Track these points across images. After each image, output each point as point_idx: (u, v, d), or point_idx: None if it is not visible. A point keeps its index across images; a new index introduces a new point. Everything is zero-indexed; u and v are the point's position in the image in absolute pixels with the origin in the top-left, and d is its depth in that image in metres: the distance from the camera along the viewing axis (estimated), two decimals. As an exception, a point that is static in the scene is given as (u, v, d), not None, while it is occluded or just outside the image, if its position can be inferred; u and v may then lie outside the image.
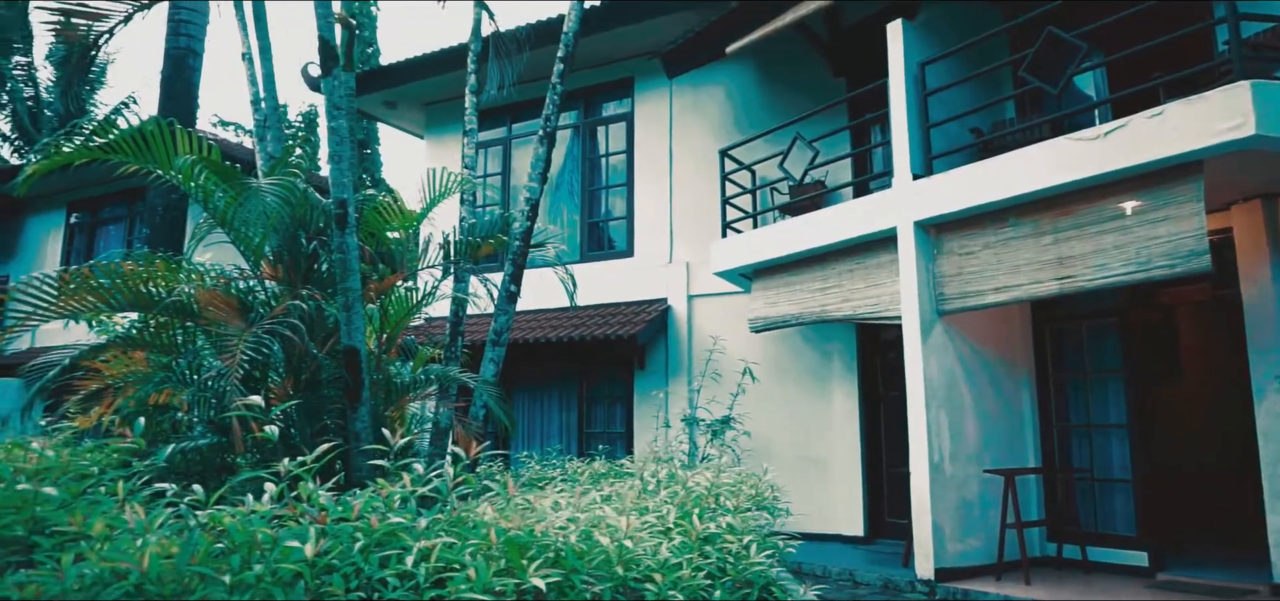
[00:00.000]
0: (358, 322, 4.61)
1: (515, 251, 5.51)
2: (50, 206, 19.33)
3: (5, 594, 2.16)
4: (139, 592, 1.99)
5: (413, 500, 2.38)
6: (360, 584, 2.03)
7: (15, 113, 28.41)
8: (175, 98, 10.98)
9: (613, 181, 12.99)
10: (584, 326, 11.55)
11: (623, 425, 12.08)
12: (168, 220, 10.70)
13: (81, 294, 4.32)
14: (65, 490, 2.80)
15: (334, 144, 4.75)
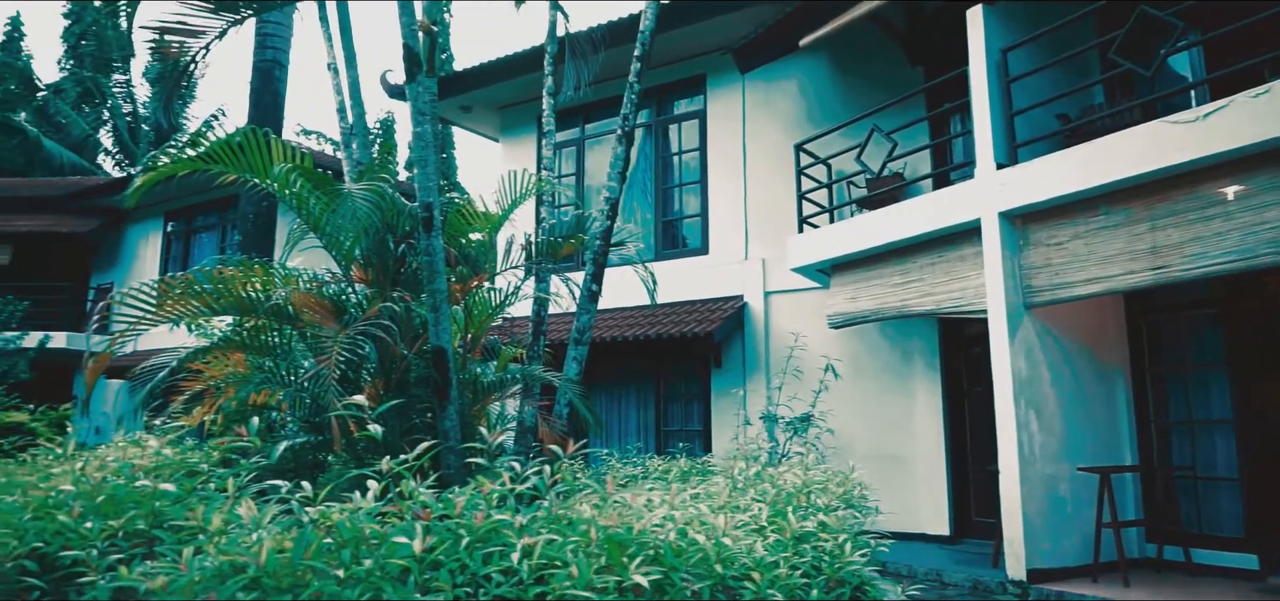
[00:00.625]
0: (445, 323, 4.70)
1: (596, 250, 5.55)
2: (148, 216, 20.26)
3: (132, 583, 2.27)
4: (256, 585, 2.06)
5: (511, 497, 2.42)
6: (466, 579, 2.06)
7: (116, 128, 29.89)
8: (263, 109, 11.38)
9: (686, 179, 12.97)
10: (660, 324, 11.56)
11: (700, 423, 12.05)
12: (259, 227, 11.10)
13: (186, 299, 4.51)
14: (179, 486, 2.92)
15: (418, 149, 4.85)
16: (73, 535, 2.75)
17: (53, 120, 30.06)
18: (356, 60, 6.24)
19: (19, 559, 2.72)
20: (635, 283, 9.26)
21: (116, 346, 4.51)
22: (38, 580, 2.69)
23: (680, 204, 13.07)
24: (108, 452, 4.00)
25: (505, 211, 5.62)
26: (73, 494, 3.01)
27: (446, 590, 2.02)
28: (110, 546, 2.70)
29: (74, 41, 35.70)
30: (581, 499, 2.65)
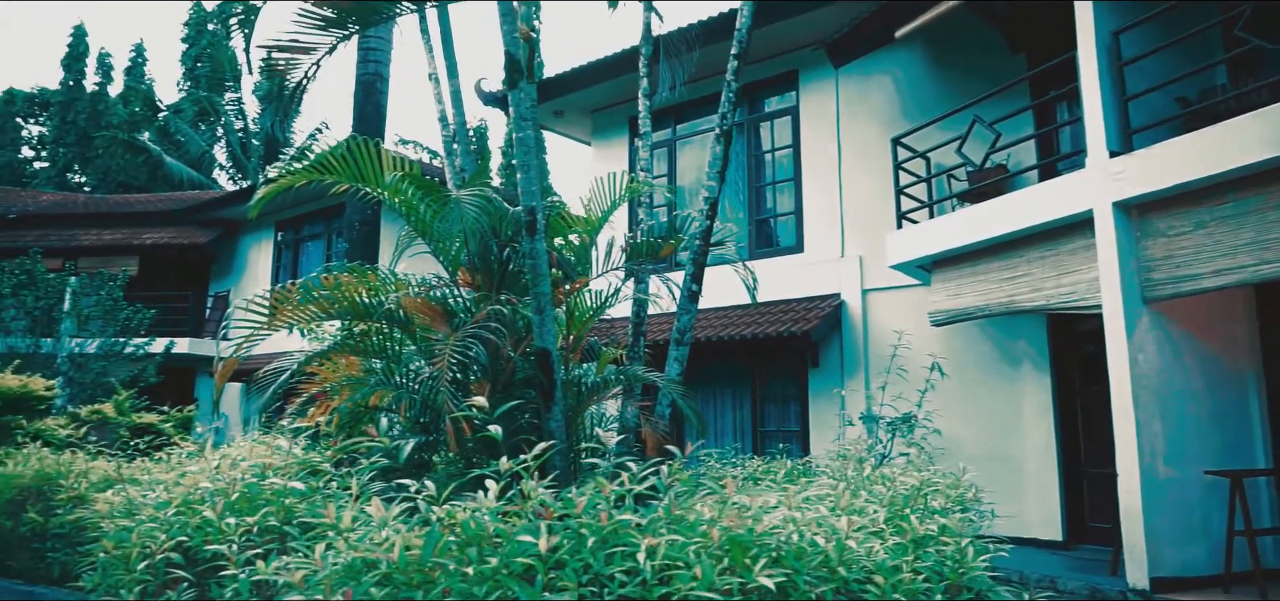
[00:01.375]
0: (549, 325, 4.77)
1: (696, 250, 5.54)
2: (260, 227, 21.25)
3: (270, 578, 2.38)
4: (387, 581, 2.13)
5: (629, 497, 2.43)
6: (589, 579, 2.08)
7: (229, 144, 31.51)
8: (366, 120, 11.79)
9: (779, 177, 12.83)
10: (755, 324, 11.46)
11: (797, 423, 11.90)
12: (364, 235, 11.51)
13: (305, 304, 4.70)
14: (307, 485, 3.04)
15: (521, 154, 4.93)
16: (213, 530, 2.91)
17: (173, 138, 31.89)
18: (458, 70, 6.39)
19: (166, 552, 2.89)
20: (730, 282, 9.21)
21: (243, 351, 4.74)
22: (185, 572, 2.85)
23: (773, 202, 12.94)
24: (235, 452, 4.20)
25: (604, 213, 5.66)
26: (211, 491, 3.18)
27: (572, 589, 2.04)
28: (247, 542, 2.84)
29: (191, 64, 37.82)
30: (699, 499, 2.64)
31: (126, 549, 3.07)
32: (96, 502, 4.55)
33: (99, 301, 15.72)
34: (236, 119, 32.23)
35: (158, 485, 3.72)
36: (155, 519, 3.15)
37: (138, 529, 3.14)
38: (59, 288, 15.37)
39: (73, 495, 5.40)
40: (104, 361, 15.31)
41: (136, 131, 33.47)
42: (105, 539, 3.33)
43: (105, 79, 39.92)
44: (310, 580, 2.21)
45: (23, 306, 14.92)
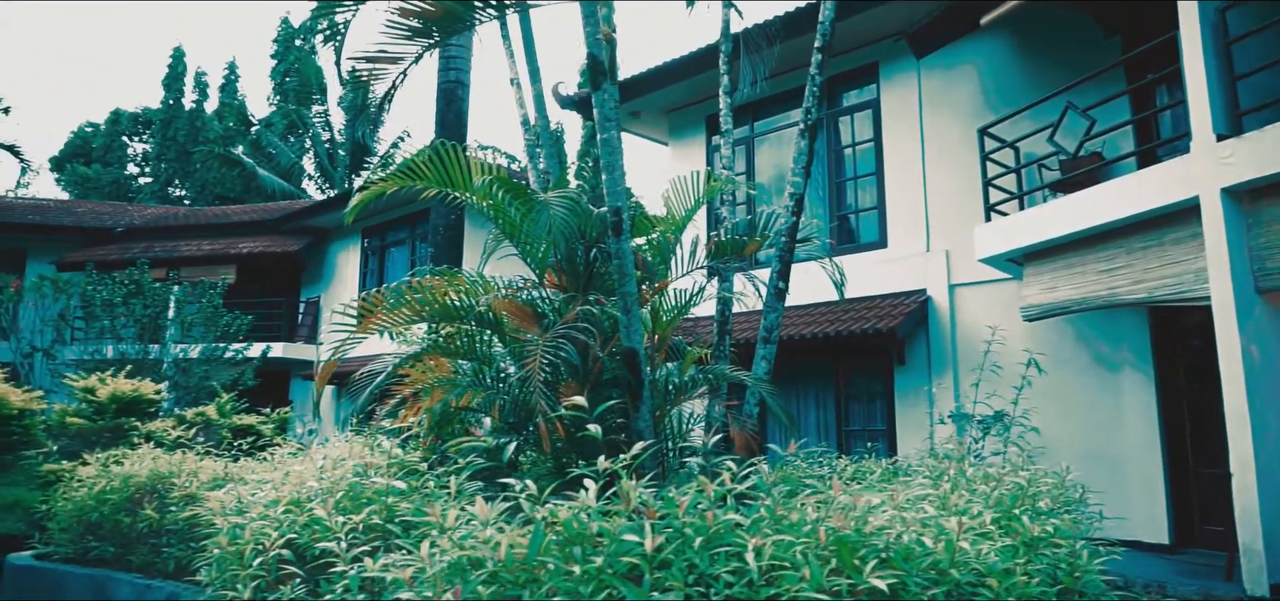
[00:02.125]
0: (636, 325, 4.77)
1: (782, 247, 5.47)
2: (347, 234, 21.93)
3: (378, 575, 2.44)
4: (494, 580, 2.16)
5: (730, 497, 2.41)
6: (695, 579, 2.07)
7: (316, 155, 32.64)
8: (448, 127, 12.01)
9: (861, 172, 12.61)
10: (839, 321, 11.28)
11: (883, 422, 11.67)
12: (448, 239, 11.73)
13: (398, 307, 4.82)
14: (409, 485, 3.10)
15: (606, 154, 4.95)
16: (322, 528, 3.00)
17: (264, 151, 33.19)
18: (540, 74, 6.46)
19: (278, 548, 2.99)
20: (812, 279, 9.06)
21: (340, 354, 4.88)
22: (297, 568, 2.94)
23: (854, 198, 12.72)
24: (336, 452, 4.33)
25: (688, 212, 5.64)
26: (317, 490, 3.28)
27: (679, 589, 2.03)
28: (352, 539, 2.92)
29: (279, 79, 39.34)
30: (801, 499, 2.60)
31: (240, 545, 3.19)
32: (207, 500, 4.75)
33: (201, 309, 16.46)
34: (323, 130, 33.36)
35: (264, 484, 3.86)
36: (265, 516, 3.26)
37: (250, 525, 3.27)
38: (164, 296, 16.14)
39: (185, 493, 5.67)
40: (206, 366, 16.02)
41: (231, 145, 34.97)
42: (220, 535, 3.47)
43: (201, 97, 41.87)
44: (419, 578, 2.25)
45: (132, 314, 15.72)
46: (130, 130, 43.75)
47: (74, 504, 6.32)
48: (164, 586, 5.43)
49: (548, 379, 3.98)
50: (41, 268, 21.67)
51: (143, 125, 43.52)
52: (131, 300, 15.80)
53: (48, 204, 27.11)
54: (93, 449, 8.16)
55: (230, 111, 39.82)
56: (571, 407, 3.27)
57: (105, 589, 5.82)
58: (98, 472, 6.47)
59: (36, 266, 22.44)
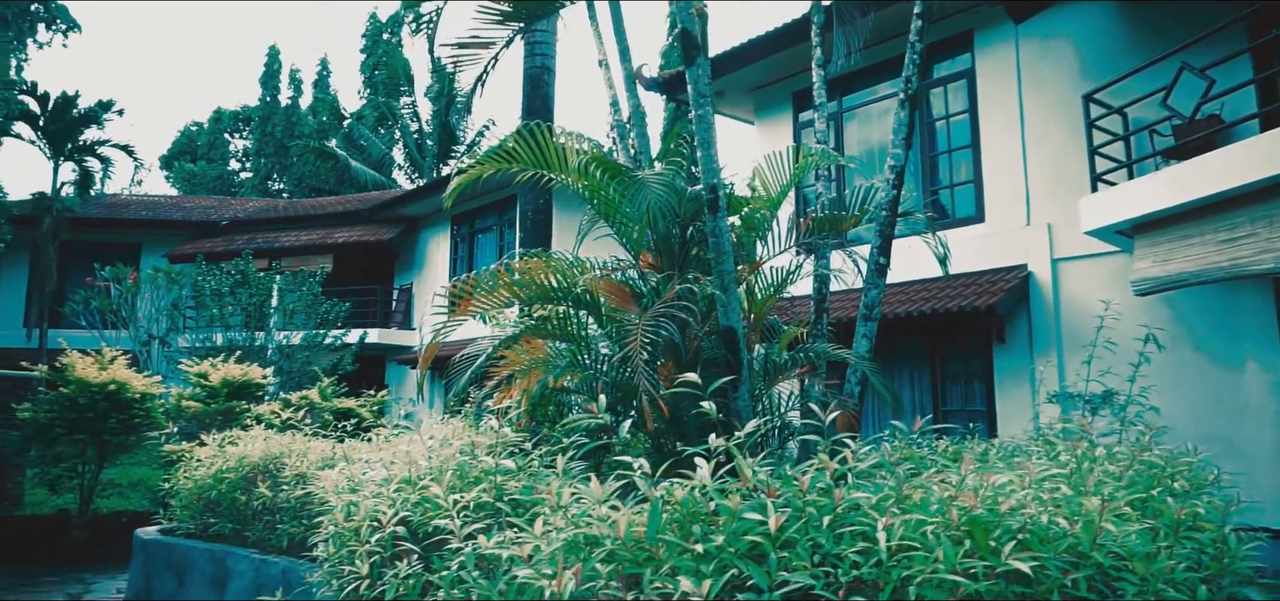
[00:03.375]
0: (734, 304, 4.71)
1: (882, 222, 5.32)
2: (438, 222, 22.43)
3: (493, 553, 2.46)
4: (612, 558, 2.14)
5: (850, 475, 2.33)
6: (821, 559, 2.01)
7: (406, 145, 33.47)
8: (535, 112, 12.12)
9: (956, 144, 12.19)
10: (935, 299, 10.95)
11: (982, 403, 11.30)
12: (537, 224, 11.86)
13: (498, 290, 4.87)
14: (518, 463, 3.12)
15: (701, 131, 4.89)
16: (433, 506, 3.04)
17: (356, 143, 34.20)
18: (630, 54, 6.42)
19: (393, 525, 3.05)
20: (905, 257, 8.79)
21: (442, 337, 4.97)
22: (413, 544, 3.00)
23: (949, 171, 12.31)
24: (440, 432, 4.40)
25: (782, 189, 5.52)
26: (427, 469, 3.34)
27: (806, 569, 1.97)
28: (464, 517, 2.95)
29: (369, 72, 40.45)
30: (928, 477, 2.50)
31: (356, 522, 3.27)
32: (318, 479, 4.90)
33: (301, 297, 17.09)
34: (411, 121, 34.17)
35: (373, 464, 3.95)
36: (379, 494, 3.33)
37: (364, 503, 3.34)
38: (267, 285, 16.81)
39: (296, 472, 5.87)
40: (308, 351, 16.64)
41: (325, 139, 36.16)
42: (335, 512, 3.57)
43: (296, 93, 43.44)
44: (536, 556, 2.25)
45: (238, 303, 16.43)
46: (231, 128, 45.78)
47: (195, 483, 6.63)
48: (279, 561, 5.64)
49: (648, 358, 3.95)
50: (155, 260, 22.85)
51: (243, 122, 45.47)
52: (238, 289, 16.51)
53: (159, 200, 28.58)
54: (208, 430, 8.57)
55: (323, 106, 41.20)
56: (683, 385, 3.22)
57: (225, 563, 6.09)
58: (214, 453, 6.77)
59: (150, 259, 23.67)
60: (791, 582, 1.92)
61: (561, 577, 2.04)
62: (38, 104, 22.70)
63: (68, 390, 9.40)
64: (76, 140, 23.32)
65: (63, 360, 9.71)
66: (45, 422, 9.37)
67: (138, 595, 6.87)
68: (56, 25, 29.99)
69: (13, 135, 22.49)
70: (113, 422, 9.49)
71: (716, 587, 1.85)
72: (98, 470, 10.05)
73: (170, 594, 6.53)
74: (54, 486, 11.62)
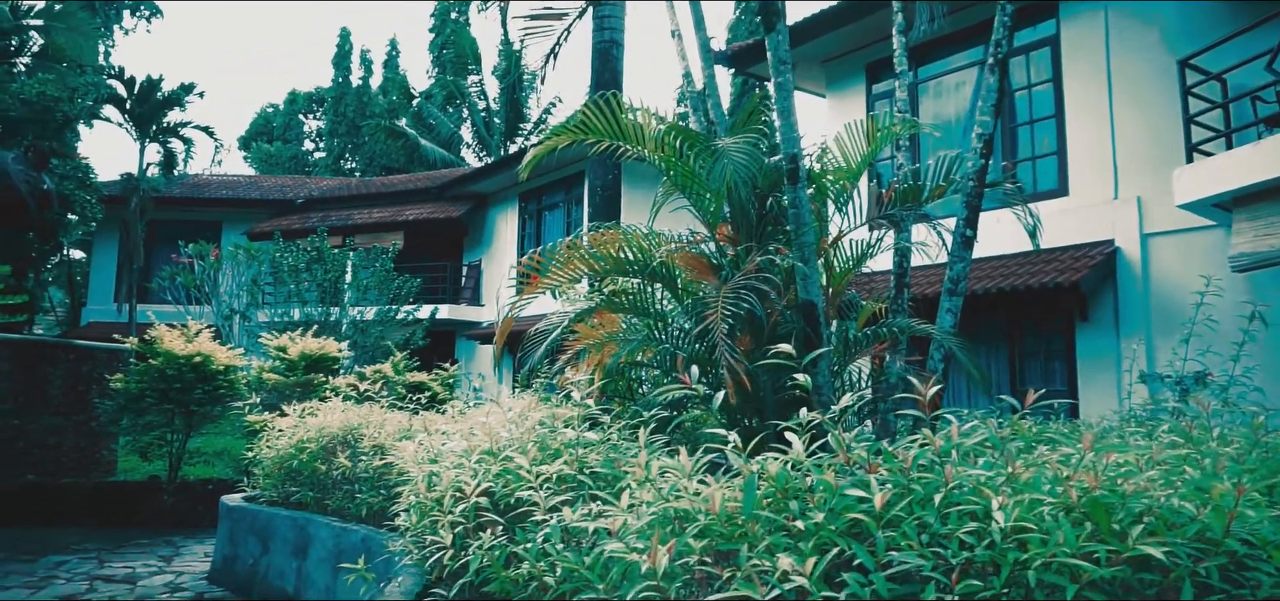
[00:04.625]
0: (814, 277, 4.59)
1: (970, 192, 5.11)
2: (505, 199, 22.61)
3: (577, 525, 2.42)
4: (705, 533, 2.08)
5: (954, 452, 2.22)
6: (929, 540, 1.91)
7: (473, 123, 33.82)
8: (603, 86, 12.03)
9: (1038, 115, 11.73)
10: (1014, 276, 10.60)
11: (1063, 383, 10.91)
12: (605, 200, 11.82)
13: (572, 263, 4.84)
14: (600, 436, 3.07)
15: (781, 99, 4.76)
16: (514, 476, 3.03)
17: (425, 122, 34.69)
18: (704, 22, 6.30)
19: (476, 496, 3.04)
20: (982, 232, 8.47)
21: (517, 311, 4.96)
22: (497, 516, 2.99)
23: (1030, 143, 11.86)
24: (517, 405, 4.40)
25: (863, 159, 5.36)
26: (507, 440, 3.32)
27: (914, 550, 1.87)
28: (546, 489, 2.92)
29: (437, 52, 40.94)
30: (1041, 455, 2.37)
31: (439, 492, 3.28)
32: (397, 450, 4.96)
33: (374, 273, 17.42)
34: (479, 99, 34.49)
35: (452, 435, 3.96)
36: (460, 465, 3.33)
37: (445, 474, 3.35)
38: (342, 262, 17.19)
39: (374, 443, 5.97)
40: (380, 326, 16.98)
41: (395, 118, 36.75)
42: (417, 483, 3.59)
43: (367, 74, 44.25)
44: (624, 530, 2.20)
45: (314, 279, 16.84)
46: (305, 109, 46.92)
47: (277, 452, 6.80)
48: (358, 530, 5.75)
49: (728, 331, 3.86)
50: (235, 237, 23.58)
51: (316, 103, 46.56)
52: (313, 266, 16.92)
53: (238, 180, 29.47)
54: (288, 402, 8.79)
55: (393, 86, 41.88)
56: (777, 356, 3.13)
57: (306, 530, 6.24)
58: (295, 423, 6.93)
59: (230, 236, 24.44)
60: (898, 563, 1.83)
61: (655, 553, 1.98)
62: (125, 88, 23.53)
63: (157, 362, 9.75)
64: (161, 122, 24.12)
65: (152, 333, 10.07)
66: (136, 393, 9.74)
67: (224, 559, 7.10)
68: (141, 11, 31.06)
69: (102, 118, 23.39)
70: (198, 393, 9.81)
71: (820, 566, 1.78)
72: (185, 439, 10.43)
73: (254, 558, 6.73)
74: (145, 454, 12.11)
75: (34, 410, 10.70)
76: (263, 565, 6.63)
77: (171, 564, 7.83)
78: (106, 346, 12.03)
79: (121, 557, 8.03)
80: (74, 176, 17.56)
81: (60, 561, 7.79)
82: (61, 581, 7.02)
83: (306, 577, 6.18)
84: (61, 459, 11.00)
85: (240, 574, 6.83)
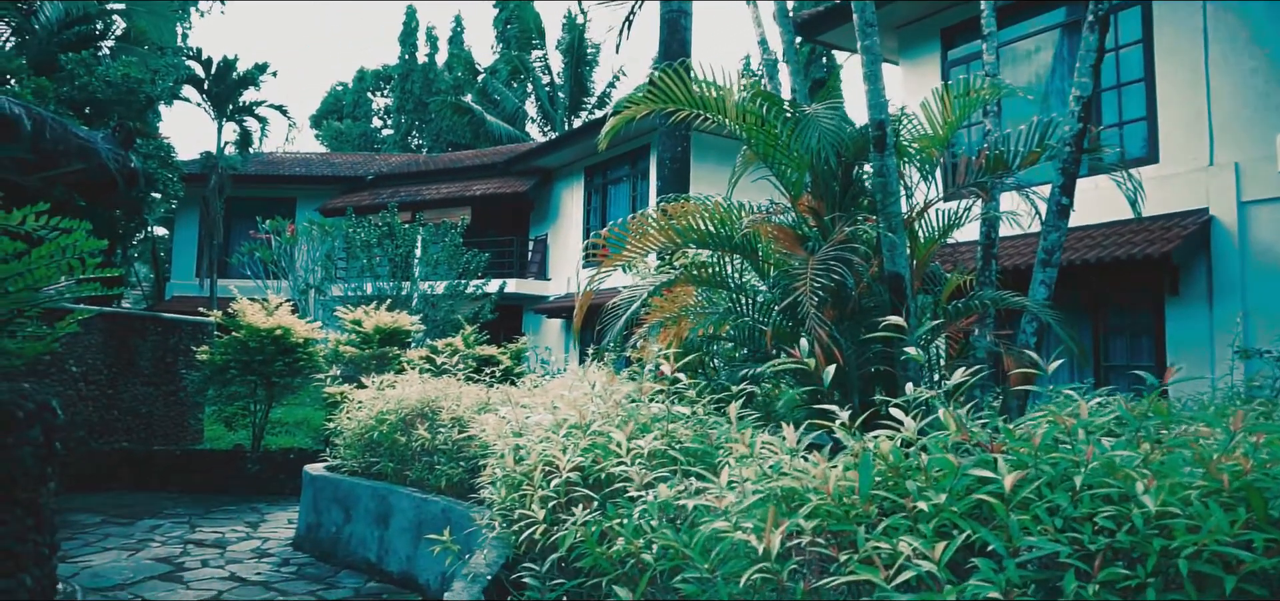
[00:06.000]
0: (901, 248, 4.44)
1: (1066, 159, 4.87)
2: (570, 174, 22.64)
3: (672, 501, 2.36)
4: (816, 513, 2.00)
5: (1083, 430, 2.09)
6: (1063, 525, 1.80)
7: (537, 98, 33.94)
8: (671, 56, 11.89)
9: (1124, 79, 11.21)
10: (1098, 247, 10.18)
11: (1150, 358, 10.48)
12: (674, 172, 11.72)
13: (650, 235, 4.77)
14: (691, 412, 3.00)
15: (867, 63, 4.60)
16: (604, 451, 2.99)
17: (490, 98, 34.92)
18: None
19: (569, 471, 3.01)
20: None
21: (596, 284, 4.92)
22: (591, 491, 2.95)
23: (1116, 108, 11.34)
24: (596, 379, 4.36)
25: (950, 126, 5.15)
26: (595, 414, 3.29)
27: (1049, 535, 1.77)
28: (638, 465, 2.87)
29: (501, 27, 41.11)
30: (1181, 432, 2.22)
31: (529, 467, 3.26)
32: (477, 423, 4.98)
33: (444, 248, 17.64)
34: (543, 74, 34.56)
35: (536, 408, 3.95)
36: (547, 439, 3.31)
37: (533, 448, 3.33)
38: (412, 237, 17.43)
39: (452, 416, 6.02)
40: (450, 300, 17.21)
41: (460, 94, 37.08)
42: (505, 456, 3.58)
43: (433, 50, 44.72)
44: (730, 510, 2.13)
45: (385, 254, 17.13)
46: (373, 86, 47.69)
47: (357, 424, 6.92)
48: (438, 501, 5.82)
49: (817, 304, 3.75)
50: (308, 214, 24.13)
51: (383, 81, 47.27)
52: (385, 241, 17.21)
53: (311, 157, 30.12)
54: (366, 374, 8.95)
55: (458, 62, 42.24)
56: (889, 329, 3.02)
57: (387, 500, 6.34)
58: (374, 395, 7.04)
59: (304, 213, 25.02)
60: (1033, 549, 1.72)
61: (770, 534, 1.91)
62: (202, 68, 24.19)
63: (239, 335, 10.02)
64: (237, 101, 24.75)
65: (234, 307, 10.35)
66: (221, 364, 10.03)
67: (308, 526, 7.28)
68: (216, -8, 31.83)
69: (181, 98, 24.10)
70: (279, 365, 10.06)
71: (949, 552, 1.68)
72: (267, 409, 10.72)
73: (337, 526, 6.87)
74: (230, 423, 12.52)
75: (126, 380, 11.13)
76: (345, 533, 6.77)
77: (258, 529, 8.07)
78: (191, 319, 12.44)
79: (211, 522, 8.31)
80: (157, 155, 18.15)
81: (155, 525, 8.09)
82: (157, 544, 7.29)
83: (388, 546, 6.30)
84: (152, 427, 11.44)
85: (324, 541, 7.00)
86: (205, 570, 6.51)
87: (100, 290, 5.16)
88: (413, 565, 6.00)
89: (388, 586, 6.14)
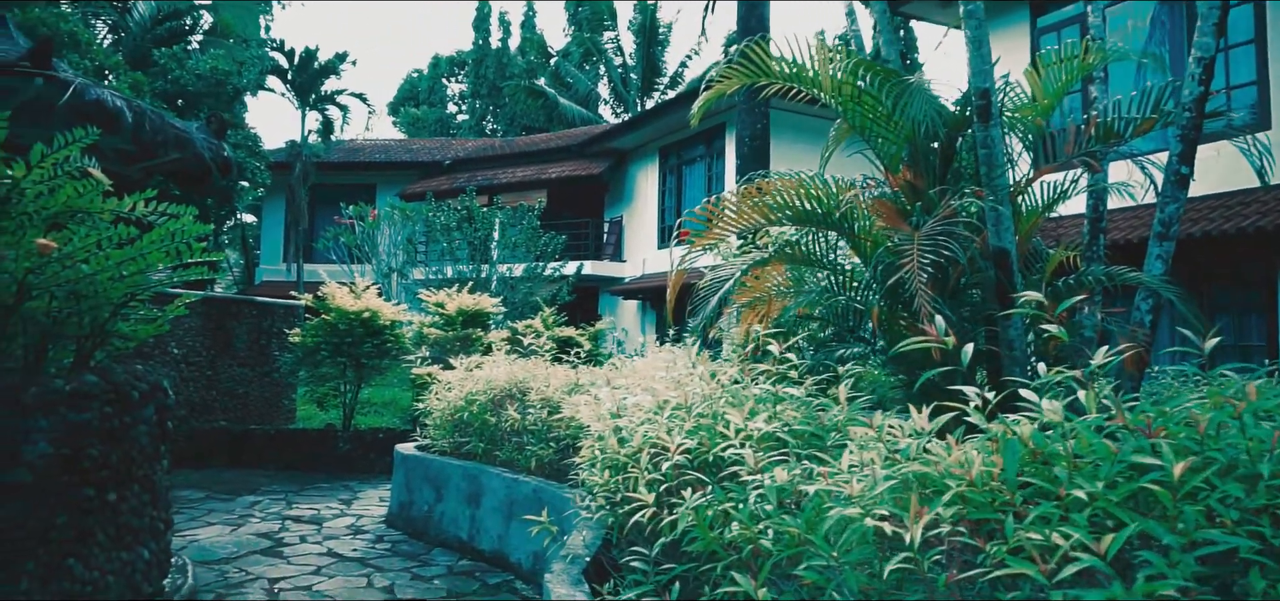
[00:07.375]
0: (1007, 222, 4.25)
1: (1186, 125, 4.59)
2: (645, 155, 22.57)
3: (797, 486, 2.28)
4: (956, 500, 1.90)
5: (1253, 415, 1.94)
6: (1241, 516, 1.67)
7: (610, 80, 33.95)
8: (750, 30, 11.71)
9: (1230, 41, 10.58)
10: (1204, 220, 9.67)
11: (1260, 337, 9.95)
12: (753, 150, 11.56)
13: (744, 213, 4.67)
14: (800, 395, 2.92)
15: (971, 28, 4.40)
16: (713, 434, 2.93)
17: (563, 81, 35.07)
18: (873, -45, 5.92)
19: (679, 454, 2.97)
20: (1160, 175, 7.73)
21: (686, 264, 4.86)
22: (702, 475, 2.90)
23: (1223, 72, 10.73)
24: (685, 360, 4.31)
25: (1055, 93, 4.91)
26: (698, 396, 3.23)
27: (1227, 527, 1.64)
28: (750, 448, 2.80)
29: (573, 10, 41.21)
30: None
31: (633, 449, 3.23)
32: (568, 404, 4.98)
33: (522, 231, 17.80)
34: (615, 56, 34.54)
35: (634, 389, 3.91)
36: (650, 420, 3.27)
37: (636, 430, 3.29)
38: (490, 220, 17.64)
39: (542, 397, 6.04)
40: (528, 283, 17.38)
41: (533, 78, 37.33)
42: (607, 438, 3.56)
43: (505, 35, 45.11)
44: (861, 497, 2.05)
45: (465, 237, 17.37)
46: (448, 72, 48.41)
47: (446, 405, 7.02)
48: (529, 481, 5.85)
49: (925, 281, 3.61)
50: (388, 199, 24.67)
51: (458, 67, 47.94)
52: (464, 224, 17.45)
53: (390, 144, 30.77)
54: (451, 355, 9.08)
55: (531, 46, 42.54)
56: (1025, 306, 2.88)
57: (479, 480, 6.42)
58: (462, 376, 7.12)
59: (384, 198, 25.58)
60: (1207, 542, 1.60)
61: (913, 524, 1.82)
62: (286, 59, 24.88)
63: (329, 317, 10.27)
64: (318, 90, 25.40)
65: (323, 290, 10.62)
66: (312, 346, 10.31)
67: (400, 504, 7.43)
68: (297, -15, 32.69)
69: (266, 88, 24.84)
70: (367, 347, 10.29)
71: (1117, 544, 1.57)
72: (356, 390, 10.98)
73: (429, 504, 7.00)
74: (321, 403, 12.88)
75: (223, 362, 11.56)
76: (437, 511, 6.88)
77: (351, 507, 8.28)
78: (282, 302, 12.83)
79: (305, 499, 8.56)
80: (245, 145, 18.76)
81: (254, 501, 8.38)
82: (257, 519, 7.54)
83: (479, 525, 6.38)
84: (248, 407, 11.86)
85: (416, 519, 7.13)
86: (304, 545, 6.70)
87: (206, 274, 5.32)
88: (504, 544, 6.07)
89: (480, 564, 6.22)
